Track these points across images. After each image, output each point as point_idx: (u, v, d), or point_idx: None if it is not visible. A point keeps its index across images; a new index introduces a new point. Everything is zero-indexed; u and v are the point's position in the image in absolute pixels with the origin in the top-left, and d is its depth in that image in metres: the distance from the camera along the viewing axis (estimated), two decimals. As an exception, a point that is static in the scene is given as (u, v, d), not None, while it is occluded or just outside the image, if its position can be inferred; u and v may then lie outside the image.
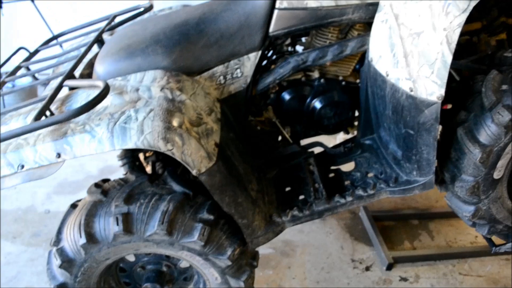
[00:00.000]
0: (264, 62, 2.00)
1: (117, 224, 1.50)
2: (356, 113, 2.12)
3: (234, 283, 1.79)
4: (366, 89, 1.91)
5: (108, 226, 1.52)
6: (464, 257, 2.71)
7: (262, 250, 2.54)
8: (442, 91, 1.49)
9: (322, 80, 2.00)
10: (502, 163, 1.66)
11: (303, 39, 2.04)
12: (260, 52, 1.83)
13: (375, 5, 1.74)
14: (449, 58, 1.44)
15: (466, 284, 2.54)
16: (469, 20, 1.95)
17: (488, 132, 1.60)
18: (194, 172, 1.45)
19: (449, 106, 1.86)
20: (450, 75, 2.06)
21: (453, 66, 1.93)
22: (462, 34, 1.98)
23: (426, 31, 1.49)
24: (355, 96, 2.02)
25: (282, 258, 2.52)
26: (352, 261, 2.58)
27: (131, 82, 1.59)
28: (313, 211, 1.83)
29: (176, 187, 1.65)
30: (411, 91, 1.57)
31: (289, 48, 2.05)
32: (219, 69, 1.81)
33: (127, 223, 1.51)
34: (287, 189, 2.03)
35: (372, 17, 1.76)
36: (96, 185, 1.64)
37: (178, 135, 1.40)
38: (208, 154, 1.48)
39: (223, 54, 1.79)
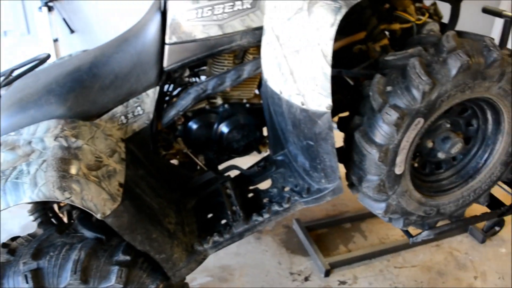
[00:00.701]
0: (168, 97, 2.03)
1: (27, 282, 1.45)
2: (266, 132, 2.19)
3: (164, 318, 1.77)
4: (268, 108, 1.98)
5: (18, 285, 1.46)
6: (397, 250, 2.82)
7: (200, 279, 2.53)
8: (329, 101, 1.57)
9: (226, 106, 2.05)
10: (400, 158, 1.76)
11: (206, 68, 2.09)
12: (158, 88, 1.85)
13: (261, 29, 1.81)
14: (328, 70, 1.52)
15: (402, 276, 2.64)
16: (354, 31, 2.08)
17: (381, 132, 1.69)
18: (98, 216, 1.44)
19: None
20: (345, 82, 2.18)
21: (348, 74, 2.06)
22: (353, 44, 2.12)
23: (303, 47, 1.57)
24: (260, 116, 2.08)
25: (221, 284, 2.52)
26: (291, 274, 2.61)
27: (24, 135, 1.57)
28: (233, 234, 1.86)
29: (88, 234, 1.63)
30: (303, 105, 1.65)
31: (192, 79, 2.09)
32: (119, 109, 1.81)
33: (38, 279, 1.47)
34: (210, 215, 2.05)
35: (260, 41, 1.83)
36: (4, 245, 1.59)
37: (75, 182, 1.39)
38: (112, 195, 1.48)
39: (120, 95, 1.80)
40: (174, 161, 2.19)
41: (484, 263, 2.78)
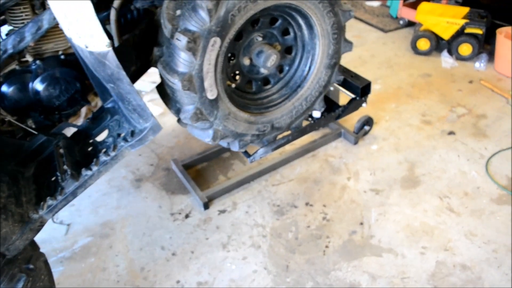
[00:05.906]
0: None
1: None
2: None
3: (11, 293, 1.74)
4: (81, 56, 1.88)
5: None
6: (275, 168, 2.88)
7: (81, 241, 2.51)
8: (105, 39, 1.49)
9: (37, 62, 1.94)
10: (208, 83, 1.73)
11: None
12: None
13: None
14: (89, 8, 1.44)
15: (279, 193, 2.71)
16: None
17: (180, 60, 1.65)
18: None
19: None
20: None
21: (160, 4, 1.94)
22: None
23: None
24: (79, 66, 1.98)
25: (102, 241, 2.50)
26: (172, 215, 2.63)
27: None
28: (65, 194, 1.81)
29: None
30: (87, 47, 1.57)
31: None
32: None
33: None
34: (53, 179, 1.99)
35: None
36: None
37: None
38: None
39: None
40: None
41: (357, 163, 2.90)
